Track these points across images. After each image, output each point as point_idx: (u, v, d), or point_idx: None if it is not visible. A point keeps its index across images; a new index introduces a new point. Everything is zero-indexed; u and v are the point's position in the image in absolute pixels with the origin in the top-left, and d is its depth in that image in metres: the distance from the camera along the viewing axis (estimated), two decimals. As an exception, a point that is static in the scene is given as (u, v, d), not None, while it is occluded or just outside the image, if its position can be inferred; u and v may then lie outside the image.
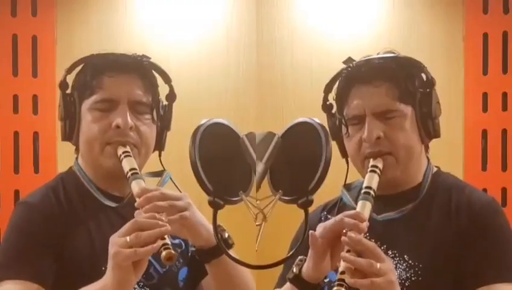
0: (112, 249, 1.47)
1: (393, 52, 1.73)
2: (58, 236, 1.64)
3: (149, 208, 1.54)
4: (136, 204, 1.57)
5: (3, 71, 2.96)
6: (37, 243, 1.63)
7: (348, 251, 1.50)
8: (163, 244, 1.45)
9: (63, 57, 2.90)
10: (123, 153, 1.65)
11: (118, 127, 1.66)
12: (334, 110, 1.76)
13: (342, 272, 1.47)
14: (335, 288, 1.45)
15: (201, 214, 1.64)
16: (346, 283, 1.45)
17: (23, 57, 2.97)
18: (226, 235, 1.66)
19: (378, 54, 1.74)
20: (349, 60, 1.73)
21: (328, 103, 1.76)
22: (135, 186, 1.59)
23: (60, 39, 2.97)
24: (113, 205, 1.71)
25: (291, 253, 1.66)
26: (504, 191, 2.97)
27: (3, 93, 2.96)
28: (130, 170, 1.62)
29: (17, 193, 2.92)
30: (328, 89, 1.75)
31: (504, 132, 2.98)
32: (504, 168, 2.97)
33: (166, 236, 1.47)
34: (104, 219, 1.70)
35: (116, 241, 1.48)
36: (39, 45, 2.98)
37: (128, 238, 1.46)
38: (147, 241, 1.46)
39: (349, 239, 1.50)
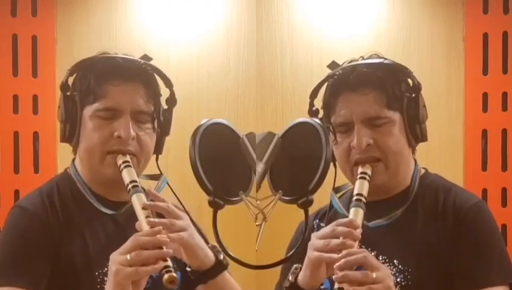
0: (112, 267, 1.47)
1: (379, 56, 1.73)
2: (53, 242, 1.63)
3: (152, 221, 1.53)
4: (138, 225, 1.56)
5: (3, 71, 2.96)
6: (32, 250, 1.62)
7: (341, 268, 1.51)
8: (165, 267, 1.44)
9: (63, 57, 2.90)
10: (123, 163, 1.64)
11: (119, 137, 1.65)
12: (320, 116, 1.76)
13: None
14: None
15: (199, 236, 1.63)
16: None
17: (23, 57, 2.96)
18: (221, 256, 1.65)
19: (361, 57, 1.74)
20: (333, 64, 1.73)
21: (314, 108, 1.76)
22: (136, 200, 1.58)
23: (60, 39, 2.96)
24: (109, 212, 1.69)
25: (291, 253, 1.66)
26: (504, 191, 2.96)
27: (3, 93, 2.96)
28: (131, 182, 1.61)
29: (17, 193, 2.92)
30: (313, 94, 1.75)
31: (504, 131, 2.97)
32: (504, 168, 2.97)
33: (167, 258, 1.47)
34: (99, 225, 1.69)
35: (117, 259, 1.47)
36: (39, 45, 2.97)
37: (128, 256, 1.46)
38: (148, 260, 1.45)
39: (339, 267, 1.50)
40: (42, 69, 2.96)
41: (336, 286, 1.48)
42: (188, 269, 1.63)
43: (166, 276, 1.43)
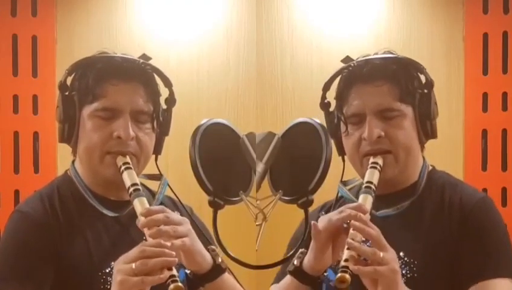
0: (117, 277, 1.46)
1: (392, 53, 1.74)
2: (54, 246, 1.62)
3: (154, 233, 1.52)
4: (139, 224, 1.55)
5: (3, 71, 2.96)
6: (33, 256, 1.61)
7: (353, 239, 1.51)
8: (171, 276, 1.44)
9: (63, 57, 2.90)
10: (123, 164, 1.63)
11: (119, 137, 1.64)
12: (331, 109, 1.76)
13: (346, 260, 1.48)
14: (338, 274, 1.46)
15: (199, 241, 1.61)
16: (350, 270, 1.46)
17: (23, 57, 2.96)
18: (219, 259, 1.64)
19: (376, 53, 1.74)
20: (347, 59, 1.73)
21: (326, 101, 1.76)
22: (138, 205, 1.57)
23: (60, 39, 2.96)
24: (110, 213, 1.68)
25: (291, 253, 1.66)
26: (504, 191, 2.96)
27: (3, 93, 2.96)
28: (132, 185, 1.60)
29: (17, 193, 2.92)
30: (326, 87, 1.74)
31: (504, 131, 2.98)
32: (504, 168, 2.97)
33: (173, 266, 1.46)
34: (101, 226, 1.68)
35: (122, 268, 1.46)
36: (39, 45, 2.97)
37: (134, 265, 1.45)
38: (153, 269, 1.44)
39: (355, 225, 1.50)
40: (42, 69, 2.96)
41: (342, 263, 1.48)
42: (186, 271, 1.62)
43: (172, 286, 1.42)
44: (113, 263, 1.62)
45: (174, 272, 1.45)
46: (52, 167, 2.89)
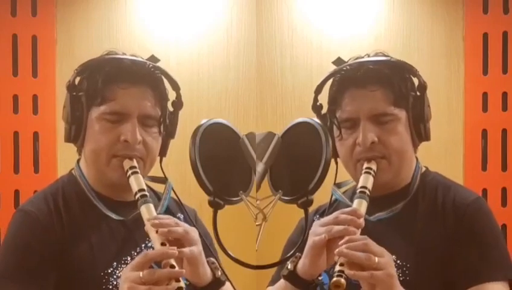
0: (124, 285, 1.46)
1: (385, 55, 1.73)
2: (58, 247, 1.62)
3: (163, 239, 1.51)
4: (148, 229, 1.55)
5: (3, 71, 2.96)
6: (37, 255, 1.61)
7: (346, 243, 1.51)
8: (179, 288, 1.44)
9: (63, 57, 2.90)
10: (130, 168, 1.63)
11: (126, 141, 1.64)
12: (324, 111, 1.76)
13: (341, 264, 1.48)
14: (334, 279, 1.46)
15: (203, 252, 1.61)
16: (345, 274, 1.46)
17: (23, 57, 2.96)
18: (219, 273, 1.64)
19: (367, 55, 1.74)
20: (339, 61, 1.73)
21: (318, 103, 1.76)
22: (145, 212, 1.57)
23: (60, 39, 2.96)
24: (113, 215, 1.68)
25: (291, 253, 1.66)
26: (504, 191, 2.96)
27: (3, 93, 2.96)
28: (139, 190, 1.60)
29: (17, 193, 2.92)
30: (318, 89, 1.74)
31: (504, 131, 2.97)
32: (504, 168, 2.97)
33: (180, 278, 1.46)
34: (105, 227, 1.68)
35: (129, 276, 1.46)
36: (39, 45, 2.97)
37: (141, 273, 1.45)
38: (160, 279, 1.44)
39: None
40: (42, 69, 2.96)
41: (337, 267, 1.48)
42: (186, 282, 1.61)
43: None
44: (115, 263, 1.62)
45: (182, 284, 1.45)
46: (52, 167, 2.89)
